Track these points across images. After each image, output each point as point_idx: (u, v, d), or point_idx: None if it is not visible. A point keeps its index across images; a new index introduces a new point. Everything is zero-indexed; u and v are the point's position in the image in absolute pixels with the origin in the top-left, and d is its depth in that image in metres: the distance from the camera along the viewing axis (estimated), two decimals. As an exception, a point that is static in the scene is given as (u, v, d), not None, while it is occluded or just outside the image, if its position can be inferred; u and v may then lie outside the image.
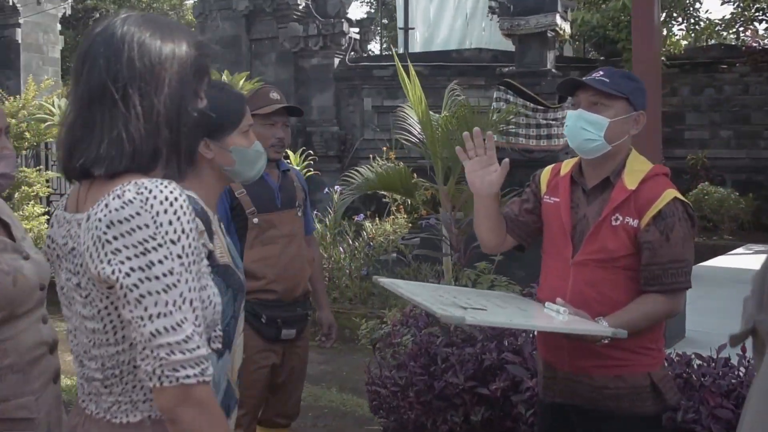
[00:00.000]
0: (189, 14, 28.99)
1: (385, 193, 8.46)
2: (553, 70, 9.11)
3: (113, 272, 1.35)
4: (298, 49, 14.28)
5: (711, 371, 3.15)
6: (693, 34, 13.60)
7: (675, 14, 13.61)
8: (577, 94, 2.46)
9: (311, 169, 9.28)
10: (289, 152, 9.33)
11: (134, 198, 1.36)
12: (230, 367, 1.92)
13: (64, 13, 18.50)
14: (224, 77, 8.92)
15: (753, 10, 14.43)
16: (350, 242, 8.15)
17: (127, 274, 1.34)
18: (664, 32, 12.25)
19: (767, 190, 12.65)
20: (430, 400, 3.50)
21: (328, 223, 8.12)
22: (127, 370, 1.43)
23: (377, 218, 9.14)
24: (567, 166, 2.57)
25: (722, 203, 11.29)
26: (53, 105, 9.83)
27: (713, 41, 14.71)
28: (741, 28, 14.88)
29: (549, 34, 8.95)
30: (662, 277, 2.31)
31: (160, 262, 1.34)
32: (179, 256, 1.36)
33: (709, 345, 3.37)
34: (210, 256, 1.67)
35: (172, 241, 1.36)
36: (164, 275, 1.34)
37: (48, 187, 11.01)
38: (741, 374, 3.17)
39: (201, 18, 15.02)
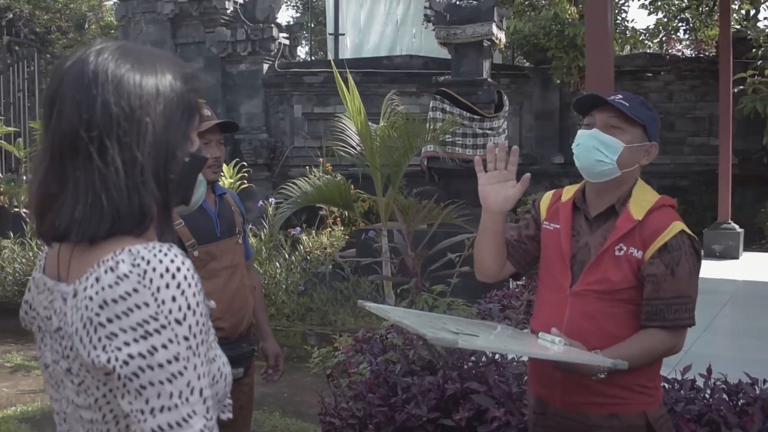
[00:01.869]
0: (109, 16, 28.19)
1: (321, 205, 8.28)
2: (489, 80, 9.07)
3: (109, 360, 1.12)
4: (226, 54, 13.97)
5: (679, 395, 3.10)
6: (620, 43, 13.82)
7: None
8: (592, 114, 2.32)
9: (245, 182, 9.03)
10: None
11: (130, 271, 1.15)
12: None
13: (-24, 15, 17.67)
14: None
15: (677, 21, 14.80)
16: (286, 256, 7.94)
17: (126, 362, 1.12)
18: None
19: (692, 195, 12.98)
20: (390, 433, 3.35)
21: (263, 236, 7.89)
22: None
23: (311, 229, 8.96)
24: (569, 192, 2.44)
25: (651, 209, 11.48)
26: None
27: (637, 50, 15.01)
28: (665, 38, 15.22)
29: (485, 44, 8.91)
30: (665, 312, 2.19)
31: (164, 346, 1.13)
32: (186, 338, 1.15)
33: (666, 362, 3.33)
34: None
35: (177, 321, 1.15)
36: (169, 362, 1.13)
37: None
38: (707, 396, 3.14)
39: (124, 21, 14.52)
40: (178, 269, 1.17)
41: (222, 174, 8.79)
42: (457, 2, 8.98)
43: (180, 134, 1.28)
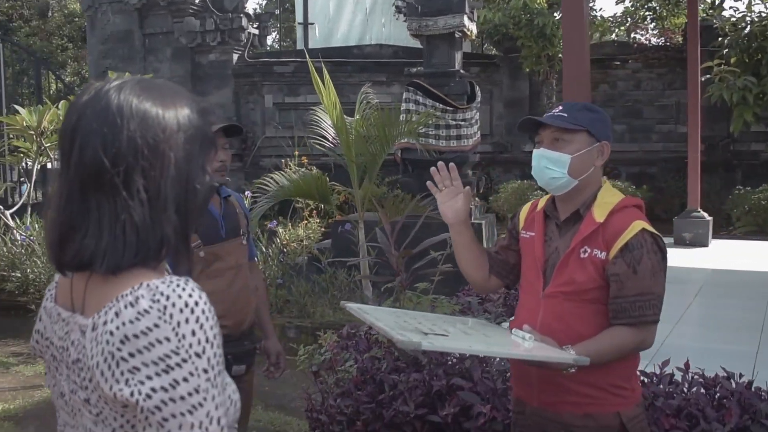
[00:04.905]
0: (72, 4, 27.75)
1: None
2: (461, 71, 9.13)
3: (132, 394, 1.16)
4: (195, 44, 13.87)
5: (659, 390, 3.20)
6: (591, 33, 13.95)
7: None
8: (539, 132, 2.44)
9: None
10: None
11: (150, 307, 1.19)
12: None
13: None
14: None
15: (644, 9, 14.96)
16: (263, 249, 7.96)
17: (149, 396, 1.16)
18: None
19: (659, 182, 13.20)
20: (378, 429, 3.41)
21: (240, 230, 7.89)
22: None
23: (287, 220, 8.97)
24: (543, 200, 2.56)
25: (620, 197, 11.64)
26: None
27: (605, 38, 15.16)
28: (632, 26, 15.39)
29: (457, 35, 8.95)
30: (630, 310, 2.28)
31: (185, 380, 1.17)
32: (205, 371, 1.19)
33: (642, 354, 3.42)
34: None
35: (197, 355, 1.19)
36: (190, 394, 1.17)
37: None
38: (685, 390, 3.23)
39: (90, 12, 14.34)
40: (197, 303, 1.21)
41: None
42: (429, -6, 9.00)
43: (198, 166, 1.32)
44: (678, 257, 8.64)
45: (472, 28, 9.23)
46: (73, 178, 1.25)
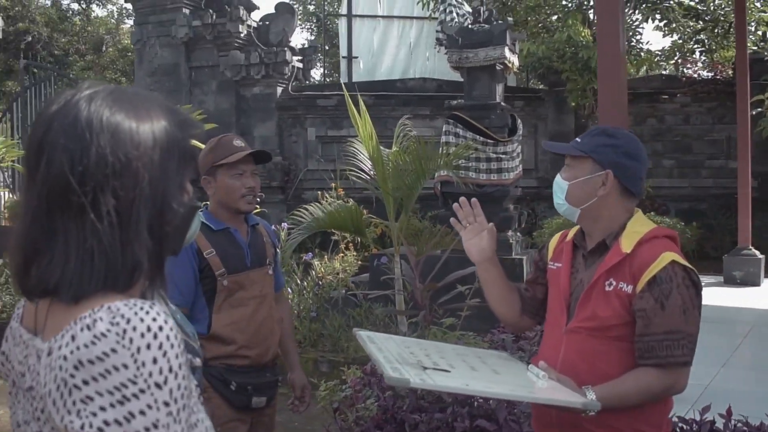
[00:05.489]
0: (126, 39, 28.42)
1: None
2: (502, 103, 9.00)
3: (83, 426, 1.04)
4: (240, 77, 13.99)
5: (698, 439, 2.98)
6: (635, 65, 13.73)
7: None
8: None
9: (258, 207, 8.96)
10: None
11: (108, 330, 1.07)
12: None
13: (-6, 39, 17.86)
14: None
15: (692, 43, 14.69)
16: (298, 282, 7.86)
17: (101, 430, 1.03)
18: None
19: (710, 219, 12.80)
20: (398, 472, 3.25)
21: (275, 261, 7.82)
22: None
23: (324, 253, 8.88)
24: (573, 230, 2.43)
25: (668, 233, 11.31)
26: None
27: (653, 72, 14.91)
28: (680, 60, 15.11)
29: (498, 67, 8.83)
30: (657, 349, 2.09)
31: (142, 413, 1.05)
32: (166, 404, 1.07)
33: (684, 399, 3.21)
34: None
35: (157, 385, 1.07)
36: (147, 429, 1.05)
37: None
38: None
39: (139, 45, 14.59)
40: (161, 328, 1.09)
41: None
42: (470, 26, 8.92)
43: (176, 185, 1.22)
44: (727, 296, 8.33)
45: (513, 60, 9.11)
46: (38, 197, 1.15)
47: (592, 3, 13.23)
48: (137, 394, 1.05)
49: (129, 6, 16.80)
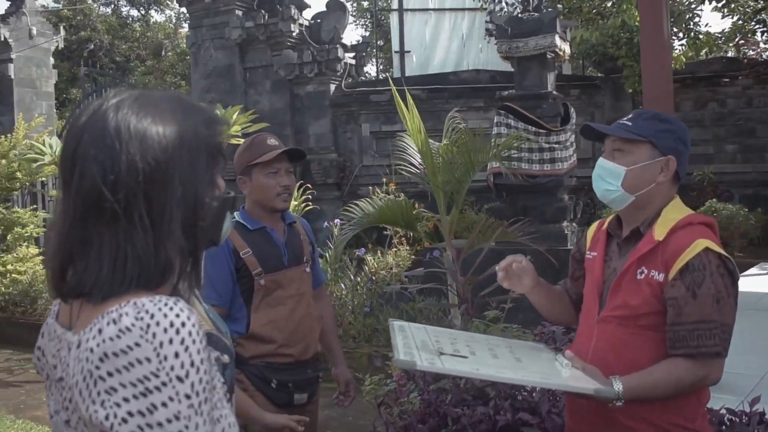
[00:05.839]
0: (183, 43, 28.92)
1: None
2: (554, 92, 8.87)
3: (107, 417, 1.09)
4: (293, 76, 14.10)
5: (744, 430, 2.88)
6: (694, 48, 13.38)
7: (675, 29, 13.44)
8: (604, 141, 2.28)
9: (310, 204, 9.03)
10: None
11: (133, 324, 1.11)
12: None
13: (57, 47, 18.37)
14: (218, 110, 8.70)
15: (753, 23, 14.25)
16: (352, 277, 7.89)
17: (124, 420, 1.08)
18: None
19: (776, 205, 12.42)
20: (440, 466, 3.24)
21: (328, 258, 7.87)
22: None
23: (379, 248, 8.90)
24: (610, 218, 2.39)
25: (732, 220, 11.03)
26: (44, 144, 9.62)
27: (713, 55, 14.52)
28: (741, 41, 14.67)
29: (548, 56, 8.72)
30: (688, 339, 2.02)
31: (164, 404, 1.09)
32: (187, 396, 1.11)
33: (739, 390, 3.11)
34: None
35: (179, 379, 1.11)
36: (169, 421, 1.09)
37: (43, 227, 10.79)
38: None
39: (194, 48, 14.84)
40: (183, 324, 1.13)
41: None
42: (519, 15, 8.83)
43: (206, 181, 1.25)
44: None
45: (564, 48, 8.98)
46: (73, 206, 1.20)
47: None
48: (159, 387, 1.09)
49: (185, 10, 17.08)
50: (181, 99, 1.30)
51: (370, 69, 25.08)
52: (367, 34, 30.02)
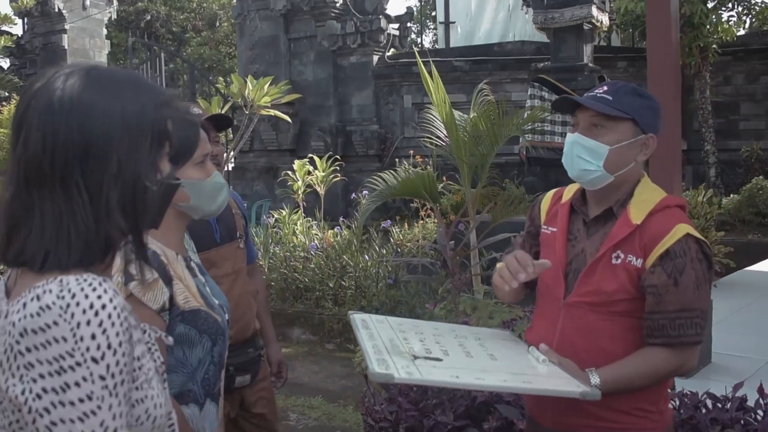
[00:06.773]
0: (237, 13, 29.11)
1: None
2: (590, 65, 8.69)
3: (23, 392, 1.11)
4: (337, 47, 14.10)
5: (722, 415, 2.80)
6: (746, 21, 12.92)
7: (726, 0, 12.99)
8: (576, 114, 2.10)
9: (338, 175, 9.03)
10: (315, 157, 9.14)
11: (54, 303, 1.12)
12: (216, 415, 1.81)
13: (110, 17, 18.68)
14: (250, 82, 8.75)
15: (810, -7, 13.69)
16: (377, 249, 7.91)
17: (38, 396, 1.10)
18: (714, 19, 11.67)
19: (827, 183, 11.98)
20: (419, 438, 3.24)
21: (353, 228, 7.89)
22: None
23: (409, 220, 8.90)
24: (570, 191, 2.22)
25: (779, 198, 10.69)
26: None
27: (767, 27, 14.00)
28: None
29: (585, 27, 8.53)
30: (668, 328, 1.94)
31: (77, 384, 1.10)
32: (102, 378, 1.12)
33: (739, 374, 3.01)
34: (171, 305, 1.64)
35: (94, 360, 1.11)
36: (81, 401, 1.10)
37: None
38: (758, 418, 2.81)
39: (240, 19, 14.95)
40: (104, 306, 1.13)
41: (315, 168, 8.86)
42: (554, -15, 8.65)
43: (148, 163, 1.24)
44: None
45: (602, 18, 8.78)
46: (17, 172, 1.21)
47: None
48: (74, 366, 1.10)
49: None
50: (138, 78, 1.29)
51: (425, 41, 24.85)
52: (418, 4, 29.77)
